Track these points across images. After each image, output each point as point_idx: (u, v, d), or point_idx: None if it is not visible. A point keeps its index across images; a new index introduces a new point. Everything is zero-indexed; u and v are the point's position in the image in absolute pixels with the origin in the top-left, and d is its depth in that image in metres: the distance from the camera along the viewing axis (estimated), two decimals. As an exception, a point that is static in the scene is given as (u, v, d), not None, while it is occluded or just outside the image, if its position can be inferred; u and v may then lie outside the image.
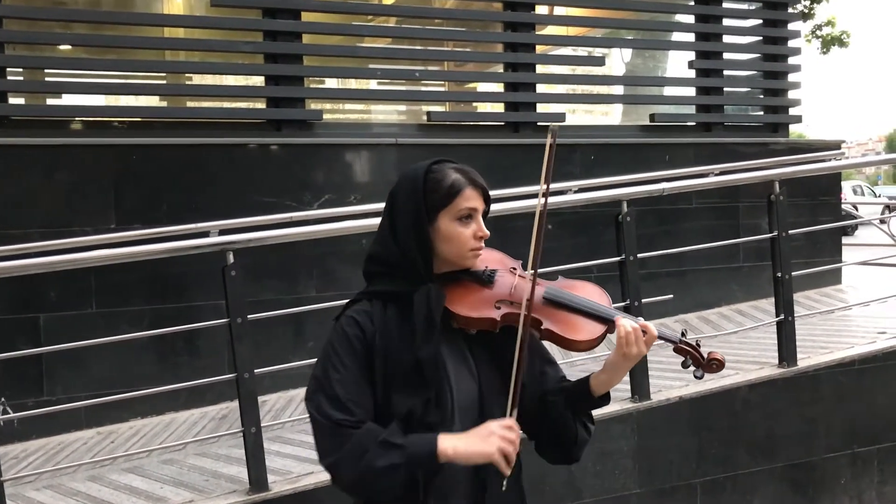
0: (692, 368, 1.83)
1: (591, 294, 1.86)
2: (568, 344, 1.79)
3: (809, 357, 4.78)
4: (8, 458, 4.49)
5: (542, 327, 1.77)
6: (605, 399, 1.85)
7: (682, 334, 1.83)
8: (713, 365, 1.81)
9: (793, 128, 8.07)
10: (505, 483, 1.71)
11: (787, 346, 4.60)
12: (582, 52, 7.41)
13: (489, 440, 1.66)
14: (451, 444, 1.66)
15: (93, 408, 4.74)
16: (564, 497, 4.07)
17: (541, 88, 6.76)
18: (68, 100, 5.73)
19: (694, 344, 1.83)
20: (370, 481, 1.65)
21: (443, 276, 1.80)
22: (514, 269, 1.86)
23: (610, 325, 1.79)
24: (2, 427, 4.70)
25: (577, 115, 7.62)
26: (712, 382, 4.48)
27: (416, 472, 1.64)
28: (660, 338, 1.80)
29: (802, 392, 4.67)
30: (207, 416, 5.01)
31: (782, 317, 4.58)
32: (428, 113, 6.25)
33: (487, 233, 1.81)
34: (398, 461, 1.63)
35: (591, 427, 1.90)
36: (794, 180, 5.99)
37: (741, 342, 5.37)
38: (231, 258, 3.50)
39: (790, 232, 4.59)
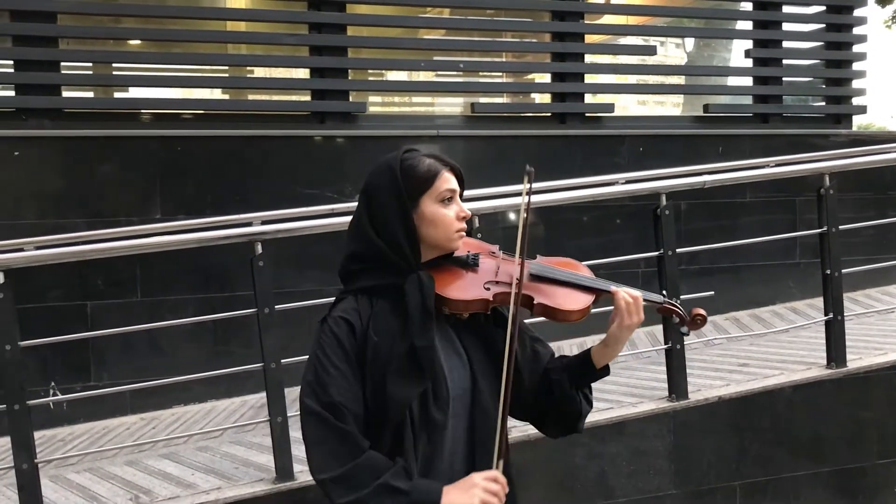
0: (677, 322, 1.92)
1: (574, 268, 1.91)
2: (561, 315, 1.82)
3: (861, 358, 4.57)
4: (55, 441, 4.65)
5: (535, 302, 1.80)
6: (605, 370, 1.88)
7: (664, 296, 1.93)
8: (697, 320, 1.89)
9: (874, 121, 7.73)
10: None
11: (835, 346, 4.41)
12: (633, 41, 7.24)
13: (471, 492, 1.65)
14: (450, 500, 1.64)
15: (138, 394, 4.88)
16: (595, 496, 3.99)
17: (589, 79, 6.63)
18: (118, 93, 5.88)
19: (677, 304, 1.91)
20: None
21: (427, 265, 1.80)
22: (494, 252, 1.89)
23: (598, 293, 1.84)
24: (52, 410, 4.87)
25: (628, 106, 7.47)
26: (755, 382, 4.34)
27: None
28: (644, 300, 1.86)
29: (852, 394, 4.48)
30: (247, 404, 5.09)
31: (831, 316, 4.40)
32: (472, 104, 6.20)
33: (469, 213, 1.82)
34: None
35: (591, 398, 1.93)
36: (858, 174, 5.75)
37: (791, 341, 5.18)
38: (259, 249, 3.53)
39: (840, 227, 4.40)
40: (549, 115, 6.53)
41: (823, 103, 7.47)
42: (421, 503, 1.63)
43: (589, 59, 6.57)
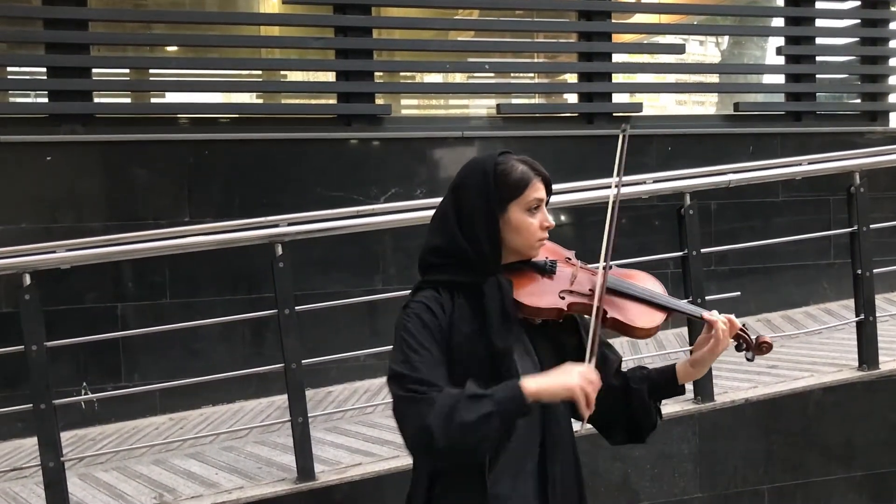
0: (745, 352, 1.94)
1: (647, 283, 1.94)
2: (631, 331, 1.86)
3: (895, 360, 4.47)
4: (86, 440, 4.73)
5: (608, 316, 1.84)
6: (682, 388, 1.96)
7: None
8: (763, 347, 1.92)
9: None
10: (581, 426, 1.73)
11: (867, 347, 4.32)
12: (661, 39, 7.16)
13: (571, 375, 1.68)
14: (535, 382, 1.67)
15: (167, 395, 4.95)
16: (619, 498, 3.95)
17: (621, 78, 6.58)
18: (146, 98, 5.98)
19: (745, 329, 1.92)
20: (466, 436, 1.63)
21: (506, 267, 1.84)
22: (569, 258, 1.92)
23: (669, 313, 1.89)
24: (84, 410, 4.96)
25: (667, 106, 7.39)
26: (783, 385, 4.27)
27: (509, 416, 1.65)
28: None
29: (886, 397, 4.38)
30: (274, 405, 5.13)
31: (862, 317, 4.30)
32: (498, 105, 6.18)
33: (553, 223, 1.85)
34: (490, 409, 1.63)
35: (662, 411, 2.01)
36: (896, 171, 5.61)
37: (823, 343, 5.09)
38: (279, 250, 3.56)
39: (872, 226, 4.31)
40: (577, 115, 6.49)
41: (858, 101, 7.32)
42: (505, 399, 1.64)
43: (616, 58, 6.52)
